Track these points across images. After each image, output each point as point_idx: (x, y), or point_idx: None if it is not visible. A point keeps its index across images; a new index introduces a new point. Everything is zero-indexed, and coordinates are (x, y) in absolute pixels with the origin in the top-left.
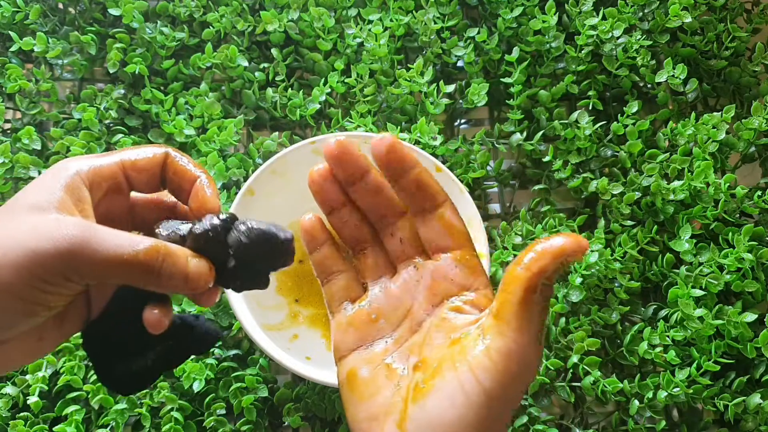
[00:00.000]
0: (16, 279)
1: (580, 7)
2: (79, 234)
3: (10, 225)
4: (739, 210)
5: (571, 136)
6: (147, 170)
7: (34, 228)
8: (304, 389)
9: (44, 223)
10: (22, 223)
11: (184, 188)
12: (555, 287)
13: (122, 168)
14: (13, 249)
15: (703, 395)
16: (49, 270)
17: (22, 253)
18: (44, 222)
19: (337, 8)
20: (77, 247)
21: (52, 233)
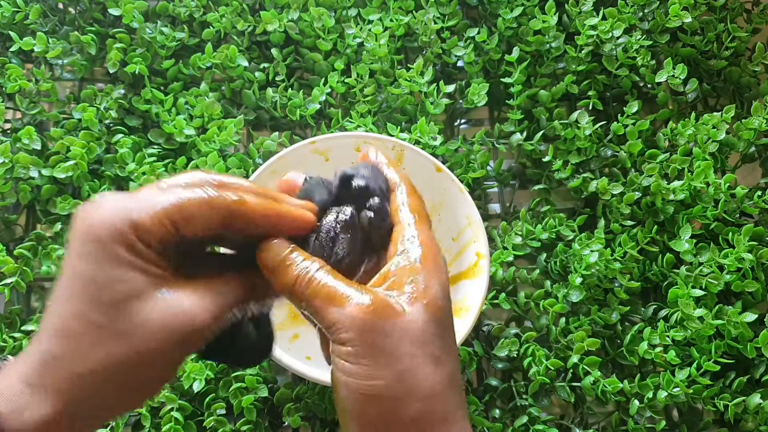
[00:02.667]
0: (153, 372)
1: (580, 7)
2: (195, 312)
3: (120, 324)
4: (739, 210)
5: (571, 136)
6: (204, 228)
7: (150, 323)
8: (304, 389)
9: (157, 312)
10: (132, 318)
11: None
12: (555, 287)
13: (173, 226)
14: (144, 350)
15: (703, 395)
16: (185, 353)
17: (156, 354)
18: (157, 312)
19: (337, 8)
20: (200, 327)
21: (177, 326)
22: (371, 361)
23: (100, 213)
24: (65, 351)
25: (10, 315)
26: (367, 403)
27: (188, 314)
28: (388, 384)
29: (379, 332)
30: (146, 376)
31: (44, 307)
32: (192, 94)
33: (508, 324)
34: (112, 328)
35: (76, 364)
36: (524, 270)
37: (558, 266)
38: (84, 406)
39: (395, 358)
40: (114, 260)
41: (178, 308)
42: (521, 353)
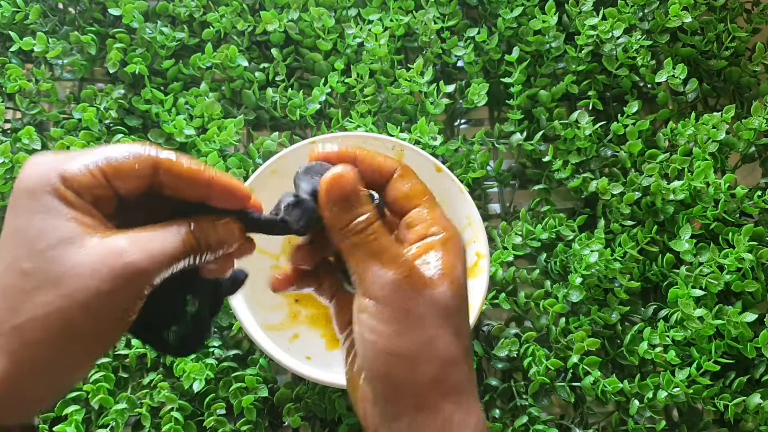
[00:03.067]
0: (94, 322)
1: (580, 7)
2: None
3: (52, 269)
4: (739, 210)
5: (571, 136)
6: (133, 178)
7: (82, 266)
8: (304, 389)
9: (90, 256)
10: (64, 263)
11: (194, 188)
12: (555, 287)
13: (102, 175)
14: (79, 294)
15: (703, 395)
16: (124, 300)
17: (92, 298)
18: (89, 255)
19: (337, 8)
20: (136, 268)
21: (109, 264)
22: (402, 324)
23: (32, 168)
24: (1, 306)
25: None
26: (393, 364)
27: (123, 256)
28: (416, 347)
29: (412, 298)
30: (90, 326)
31: None
32: (192, 94)
33: (508, 324)
34: (43, 275)
35: (12, 317)
36: (524, 270)
37: (558, 266)
38: (29, 364)
39: (424, 324)
40: (44, 210)
41: (113, 249)
42: (521, 353)
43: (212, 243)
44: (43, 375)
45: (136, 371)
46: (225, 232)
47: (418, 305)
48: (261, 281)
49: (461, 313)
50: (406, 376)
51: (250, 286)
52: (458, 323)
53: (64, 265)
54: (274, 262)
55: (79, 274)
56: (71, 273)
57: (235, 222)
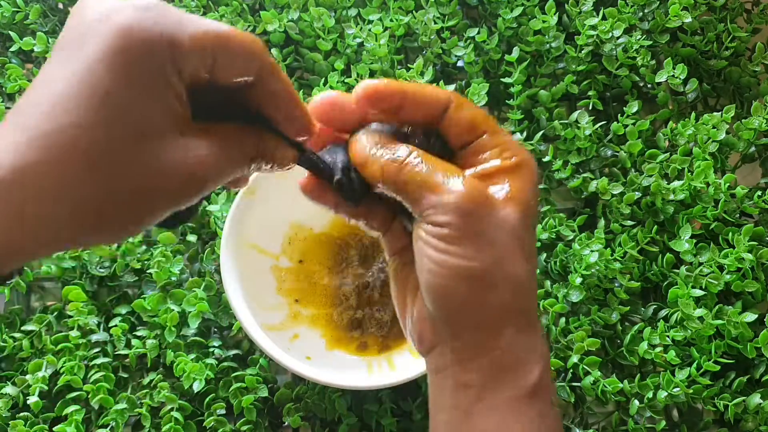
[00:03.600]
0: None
1: (580, 7)
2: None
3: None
4: (739, 210)
5: (571, 136)
6: (239, 68)
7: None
8: (304, 389)
9: (169, 162)
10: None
11: (279, 104)
12: (555, 287)
13: (212, 57)
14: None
15: (703, 395)
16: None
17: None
18: (168, 159)
19: (337, 8)
20: (205, 183)
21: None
22: (471, 244)
23: (141, 18)
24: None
25: (10, 315)
26: (462, 283)
27: (199, 170)
28: (486, 267)
29: (478, 218)
30: (142, 204)
31: (44, 308)
32: None
33: None
34: (119, 157)
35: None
36: None
37: (558, 266)
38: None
39: (494, 245)
40: (145, 86)
41: (192, 159)
42: None
43: (267, 164)
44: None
45: (136, 371)
46: (282, 158)
47: (488, 225)
48: (261, 281)
49: (529, 237)
50: (473, 295)
51: (250, 287)
52: (528, 245)
53: (143, 158)
54: (275, 262)
55: (153, 171)
56: (147, 169)
57: (293, 150)
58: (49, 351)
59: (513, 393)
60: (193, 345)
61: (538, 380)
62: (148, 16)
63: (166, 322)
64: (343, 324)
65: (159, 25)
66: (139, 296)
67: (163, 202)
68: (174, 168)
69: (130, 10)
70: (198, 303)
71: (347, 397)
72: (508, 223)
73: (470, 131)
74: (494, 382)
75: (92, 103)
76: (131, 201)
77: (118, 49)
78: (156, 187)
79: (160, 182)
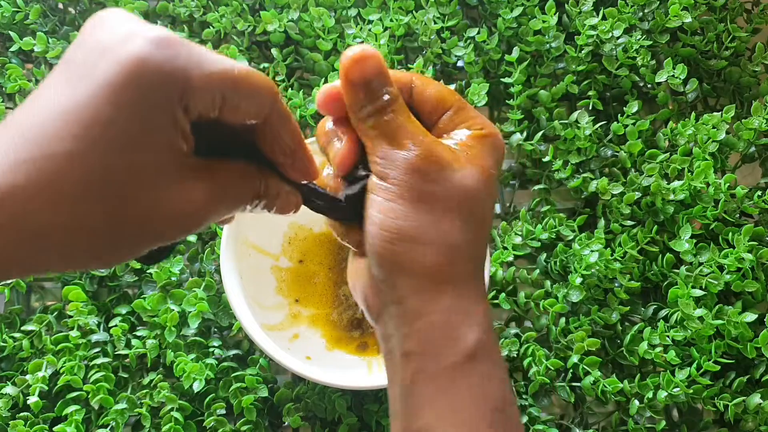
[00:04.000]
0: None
1: (580, 7)
2: (204, 210)
3: (124, 191)
4: (739, 210)
5: (571, 136)
6: (252, 112)
7: (153, 209)
8: (304, 389)
9: (166, 205)
10: (138, 194)
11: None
12: (555, 287)
13: (221, 98)
14: (135, 222)
15: (703, 395)
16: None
17: (142, 232)
18: (166, 202)
19: (337, 8)
20: (203, 224)
21: (180, 222)
22: (410, 204)
23: (155, 52)
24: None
25: (10, 315)
26: (396, 243)
27: (196, 215)
28: (420, 228)
29: (425, 178)
30: (135, 239)
31: (44, 308)
32: None
33: (508, 324)
34: (112, 191)
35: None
36: (524, 270)
37: (558, 266)
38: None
39: (433, 206)
40: (149, 120)
41: (192, 201)
42: (521, 353)
43: (269, 207)
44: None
45: (136, 371)
46: (284, 203)
47: (430, 186)
48: (261, 281)
49: (479, 202)
50: (407, 257)
51: (250, 287)
52: (474, 211)
53: (140, 198)
54: (274, 263)
55: (149, 212)
56: (142, 207)
57: (297, 195)
58: (49, 351)
59: (452, 360)
60: (193, 345)
61: (476, 342)
62: (164, 50)
63: (166, 322)
64: (343, 324)
65: (172, 61)
66: (139, 296)
67: (151, 239)
68: (169, 208)
69: (147, 42)
70: (198, 303)
71: (347, 397)
72: (456, 186)
73: (438, 106)
74: (433, 348)
75: (92, 132)
76: (118, 235)
77: (128, 80)
78: (146, 224)
79: (152, 220)
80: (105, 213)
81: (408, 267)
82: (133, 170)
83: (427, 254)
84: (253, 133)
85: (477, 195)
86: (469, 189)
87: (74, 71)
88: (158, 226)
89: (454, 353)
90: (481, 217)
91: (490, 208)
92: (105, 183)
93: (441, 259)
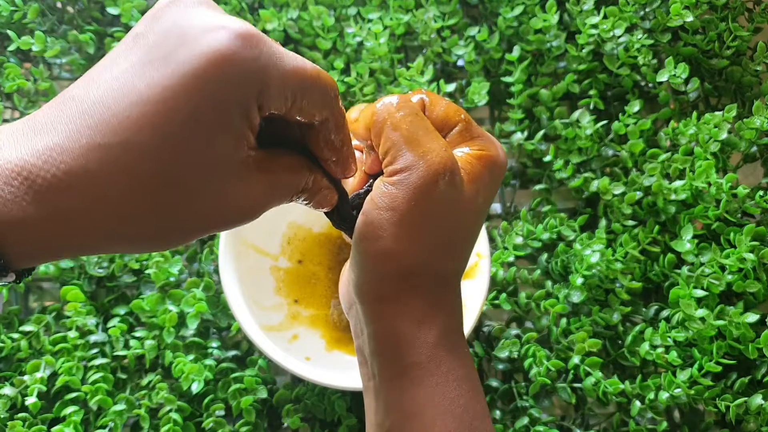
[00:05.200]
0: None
1: (581, 6)
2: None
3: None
4: (740, 210)
5: (572, 135)
6: (316, 111)
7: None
8: (304, 390)
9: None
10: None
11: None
12: (556, 287)
13: (292, 101)
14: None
15: (704, 396)
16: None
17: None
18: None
19: (336, 7)
20: (257, 215)
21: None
22: (395, 211)
23: (240, 48)
24: None
25: (8, 315)
26: (371, 244)
27: (255, 207)
28: (396, 235)
29: (417, 188)
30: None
31: (43, 309)
32: None
33: (509, 325)
34: (179, 185)
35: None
36: (525, 270)
37: (559, 266)
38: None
39: (412, 217)
40: (226, 117)
41: (253, 196)
42: (522, 354)
43: (309, 200)
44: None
45: (134, 372)
46: (322, 199)
47: (421, 197)
48: (260, 282)
49: (466, 223)
50: (379, 265)
51: (249, 287)
52: (464, 229)
53: (198, 189)
54: (274, 263)
55: (204, 206)
56: (202, 204)
57: (333, 193)
58: (47, 352)
59: (409, 361)
60: (192, 346)
61: (436, 340)
62: (249, 46)
63: (165, 322)
64: (342, 325)
65: (256, 59)
66: (138, 297)
67: (212, 228)
68: (234, 202)
69: (233, 36)
70: (197, 303)
71: (347, 398)
72: (441, 199)
73: (444, 125)
74: (392, 350)
75: (170, 126)
76: (183, 224)
77: (213, 75)
78: (211, 215)
79: (216, 211)
80: (173, 203)
81: (376, 277)
82: (205, 165)
83: (400, 267)
84: (305, 126)
85: (464, 215)
86: (455, 203)
87: (149, 53)
88: (221, 217)
89: (410, 355)
90: (464, 235)
91: (477, 229)
92: (177, 176)
93: (407, 273)
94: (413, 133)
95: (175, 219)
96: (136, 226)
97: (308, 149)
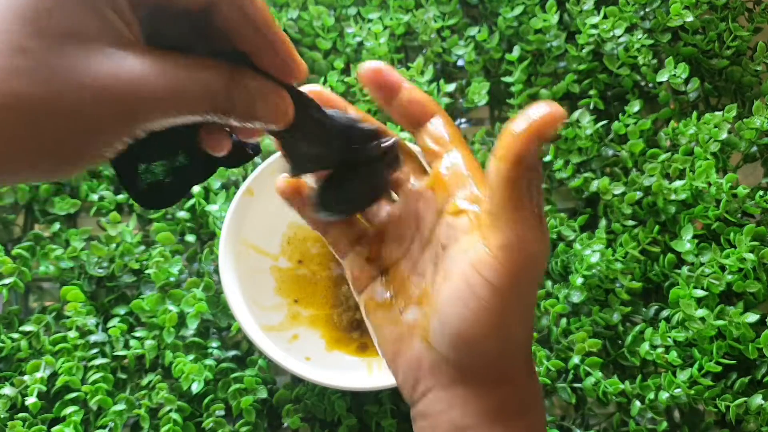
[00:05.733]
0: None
1: (581, 5)
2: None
3: (48, 59)
4: (740, 210)
5: (572, 135)
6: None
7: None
8: (304, 390)
9: (104, 73)
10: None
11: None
12: (556, 288)
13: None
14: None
15: (704, 396)
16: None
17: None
18: (104, 71)
19: (336, 7)
20: (137, 92)
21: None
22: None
23: None
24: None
25: (8, 315)
26: (489, 328)
27: (134, 77)
28: (510, 315)
29: (518, 262)
30: (66, 130)
31: (42, 309)
32: None
33: None
34: (37, 56)
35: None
36: None
37: (559, 266)
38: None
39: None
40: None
41: (124, 68)
42: None
43: (250, 111)
44: None
45: (134, 372)
46: (273, 107)
47: (522, 273)
48: (260, 281)
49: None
50: (495, 343)
51: (249, 287)
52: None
53: (66, 60)
54: (274, 263)
55: (78, 78)
56: (71, 73)
57: (283, 97)
58: (47, 352)
59: None
60: (192, 346)
61: (530, 424)
62: None
63: (165, 322)
64: (342, 325)
65: None
66: (138, 297)
67: (91, 122)
68: (95, 74)
69: None
70: (197, 303)
71: (347, 398)
72: (535, 274)
73: (441, 144)
74: (490, 424)
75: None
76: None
77: None
78: (81, 101)
79: (80, 87)
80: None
81: (492, 355)
82: (63, 36)
83: (511, 342)
84: (220, 25)
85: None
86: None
87: None
88: (95, 97)
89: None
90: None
91: None
92: (32, 49)
93: (514, 347)
94: (542, 208)
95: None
96: None
97: (243, 57)
